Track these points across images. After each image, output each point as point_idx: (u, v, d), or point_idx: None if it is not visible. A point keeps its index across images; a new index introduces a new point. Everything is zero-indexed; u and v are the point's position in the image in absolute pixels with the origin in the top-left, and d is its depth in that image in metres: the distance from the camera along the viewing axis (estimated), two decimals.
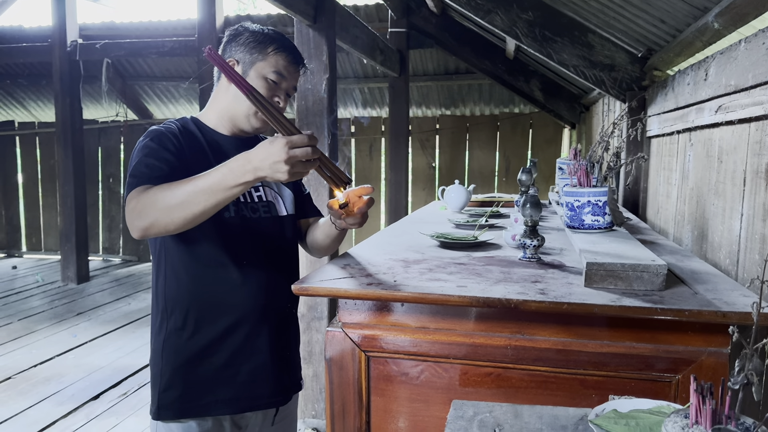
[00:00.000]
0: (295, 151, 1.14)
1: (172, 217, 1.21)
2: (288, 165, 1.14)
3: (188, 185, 1.21)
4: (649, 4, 2.30)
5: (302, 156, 1.15)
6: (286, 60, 1.46)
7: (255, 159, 1.17)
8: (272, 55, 1.44)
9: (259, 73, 1.43)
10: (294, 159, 1.14)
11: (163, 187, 1.24)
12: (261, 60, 1.44)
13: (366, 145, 7.71)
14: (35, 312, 5.59)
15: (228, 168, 1.19)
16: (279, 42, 1.46)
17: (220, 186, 1.19)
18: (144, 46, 6.41)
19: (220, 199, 1.21)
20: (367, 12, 6.28)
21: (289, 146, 1.14)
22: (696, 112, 1.99)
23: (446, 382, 1.26)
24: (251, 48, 1.44)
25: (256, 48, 1.44)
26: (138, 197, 1.25)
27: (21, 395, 3.67)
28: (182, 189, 1.21)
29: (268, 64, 1.44)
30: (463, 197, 2.56)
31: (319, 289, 1.24)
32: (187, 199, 1.20)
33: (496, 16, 3.02)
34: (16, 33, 7.13)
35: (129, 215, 1.26)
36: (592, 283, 1.23)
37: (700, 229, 1.92)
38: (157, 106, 8.18)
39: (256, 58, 1.44)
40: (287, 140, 1.15)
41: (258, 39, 1.45)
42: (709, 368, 1.12)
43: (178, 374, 1.43)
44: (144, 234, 1.25)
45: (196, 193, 1.20)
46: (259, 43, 1.44)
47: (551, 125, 7.08)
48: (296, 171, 1.16)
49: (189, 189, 1.21)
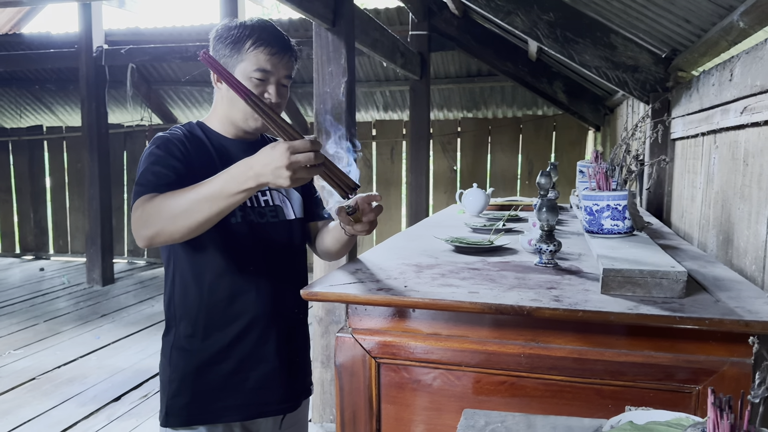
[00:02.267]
0: (297, 156, 1.11)
1: (177, 225, 1.20)
2: (290, 171, 1.11)
3: (191, 193, 1.20)
4: (672, 4, 2.25)
5: (304, 161, 1.12)
6: (267, 53, 1.38)
7: (257, 165, 1.14)
8: (251, 52, 1.37)
9: (243, 74, 1.37)
10: (296, 164, 1.11)
11: (168, 195, 1.23)
12: (241, 61, 1.38)
13: (387, 148, 7.69)
14: (61, 313, 5.67)
15: (230, 174, 1.17)
16: (255, 36, 1.38)
17: (222, 193, 1.17)
18: (168, 51, 6.48)
19: (222, 206, 1.19)
20: (388, 15, 6.27)
21: (291, 151, 1.11)
22: (721, 113, 1.93)
23: (459, 390, 1.23)
24: (230, 49, 1.39)
25: (235, 48, 1.38)
26: (143, 206, 1.24)
27: (45, 396, 3.72)
28: (185, 197, 1.20)
29: (249, 64, 1.37)
30: (482, 201, 2.53)
31: (328, 295, 1.23)
32: (190, 207, 1.19)
33: (517, 17, 2.99)
34: (44, 39, 7.26)
35: (134, 224, 1.25)
36: (609, 290, 1.19)
37: (725, 233, 1.87)
38: (181, 110, 8.27)
39: (237, 59, 1.38)
40: (289, 145, 1.11)
41: (234, 38, 1.38)
42: (731, 379, 1.07)
43: (186, 381, 1.42)
44: (149, 243, 1.24)
45: (198, 201, 1.19)
46: (236, 43, 1.38)
47: (575, 127, 6.99)
48: (299, 177, 1.13)
49: (192, 197, 1.19)
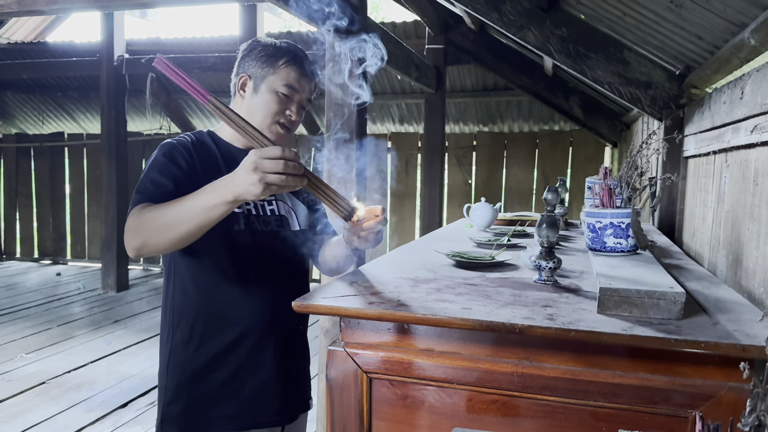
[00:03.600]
0: (264, 162, 1.09)
1: (159, 237, 1.21)
2: (257, 175, 1.09)
3: (175, 206, 1.20)
4: (685, 20, 2.23)
5: (271, 168, 1.10)
6: (297, 72, 1.44)
7: (234, 176, 1.14)
8: (283, 68, 1.43)
9: (270, 87, 1.42)
10: (263, 169, 1.09)
11: (159, 206, 1.23)
12: (272, 74, 1.43)
13: (402, 161, 7.69)
14: (74, 318, 5.73)
15: (212, 187, 1.17)
16: (290, 55, 1.45)
17: (202, 206, 1.17)
18: (187, 61, 6.57)
19: (203, 219, 1.18)
20: (405, 29, 6.30)
21: (258, 156, 1.10)
22: (732, 131, 1.90)
23: (450, 408, 1.21)
24: (263, 62, 1.44)
25: (267, 62, 1.43)
26: (135, 216, 1.25)
27: (53, 400, 3.75)
28: (170, 210, 1.20)
29: (278, 78, 1.43)
30: (489, 215, 2.51)
31: (319, 307, 1.22)
32: (174, 220, 1.19)
33: (529, 32, 2.98)
34: (68, 48, 7.41)
35: (125, 234, 1.25)
36: (606, 309, 1.17)
37: (734, 254, 1.83)
38: (200, 119, 8.36)
39: (267, 72, 1.43)
40: (256, 151, 1.11)
41: (269, 53, 1.44)
42: (728, 404, 1.04)
43: (182, 388, 1.42)
44: (137, 253, 1.24)
45: (181, 214, 1.19)
46: (270, 57, 1.44)
47: (592, 143, 6.93)
48: (269, 182, 1.10)
49: (176, 210, 1.19)
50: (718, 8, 1.91)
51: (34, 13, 4.30)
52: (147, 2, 4.21)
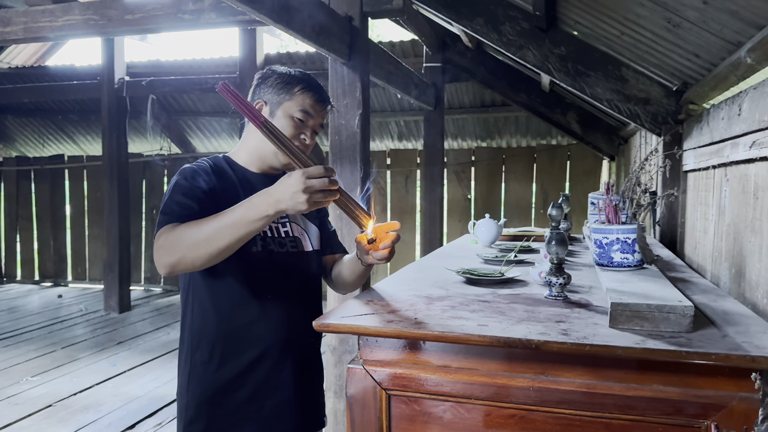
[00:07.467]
0: (312, 182, 1.20)
1: (198, 252, 1.26)
2: (306, 194, 1.20)
3: (213, 221, 1.26)
4: (682, 39, 2.29)
5: (319, 186, 1.20)
6: (312, 99, 1.50)
7: (276, 193, 1.22)
8: (298, 94, 1.49)
9: (286, 112, 1.48)
10: (311, 189, 1.20)
11: (191, 224, 1.29)
12: (288, 99, 1.48)
13: (402, 177, 7.75)
14: (78, 340, 5.73)
15: (251, 203, 1.25)
16: (305, 82, 1.51)
17: (243, 220, 1.24)
18: (188, 83, 6.64)
19: (243, 233, 1.25)
20: (403, 48, 6.38)
21: (306, 176, 1.20)
22: (731, 147, 1.95)
23: (469, 423, 1.24)
24: (279, 89, 1.49)
25: (284, 88, 1.49)
26: (166, 235, 1.29)
27: (60, 423, 3.75)
28: (208, 225, 1.26)
29: (294, 104, 1.48)
30: (494, 231, 2.55)
31: (340, 326, 1.25)
32: (212, 234, 1.24)
33: (528, 52, 3.04)
34: (68, 71, 7.48)
35: (157, 252, 1.30)
36: (618, 324, 1.20)
37: (737, 266, 1.87)
38: (200, 141, 8.41)
39: (283, 98, 1.48)
40: (303, 171, 1.21)
41: (285, 80, 1.50)
42: (740, 414, 1.08)
43: (203, 408, 1.45)
44: (171, 270, 1.28)
45: (220, 229, 1.25)
46: (286, 84, 1.49)
47: (590, 157, 6.99)
48: (315, 200, 1.21)
49: (214, 225, 1.25)
50: (715, 28, 1.97)
51: (40, 40, 4.35)
52: (149, 27, 4.28)
